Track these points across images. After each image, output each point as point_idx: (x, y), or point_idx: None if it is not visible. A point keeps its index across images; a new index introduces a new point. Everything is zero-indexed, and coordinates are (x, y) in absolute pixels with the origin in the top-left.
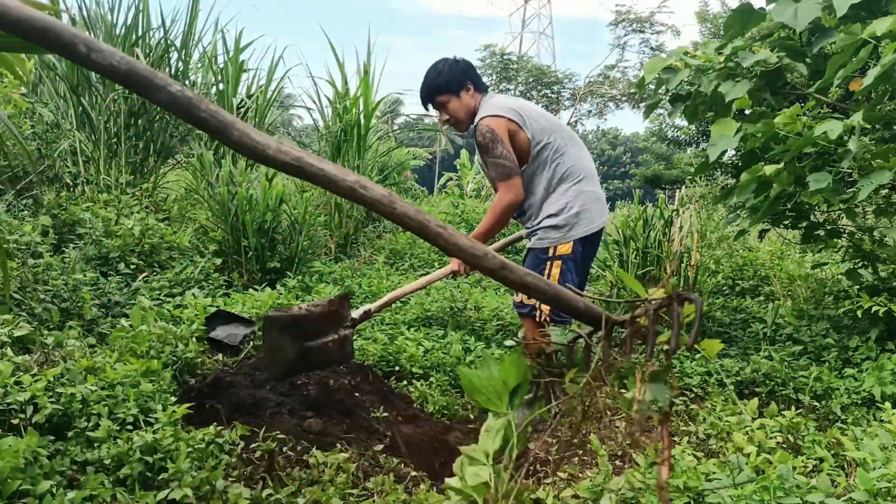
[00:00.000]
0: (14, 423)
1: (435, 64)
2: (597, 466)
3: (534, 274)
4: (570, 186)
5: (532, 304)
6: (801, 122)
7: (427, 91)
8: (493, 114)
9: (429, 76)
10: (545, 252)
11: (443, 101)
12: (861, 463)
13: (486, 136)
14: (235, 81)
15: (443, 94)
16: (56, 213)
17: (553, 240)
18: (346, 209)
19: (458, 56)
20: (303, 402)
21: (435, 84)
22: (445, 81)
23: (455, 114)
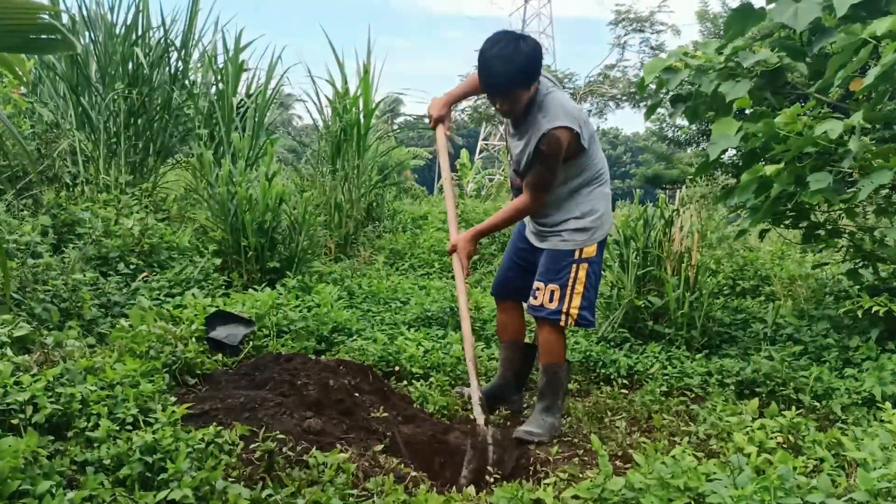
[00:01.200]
0: (14, 423)
1: (510, 45)
2: (597, 466)
3: None
4: (595, 189)
5: (558, 309)
6: (802, 122)
7: (509, 80)
8: (567, 125)
9: (509, 62)
10: (570, 255)
11: (516, 93)
12: (861, 463)
13: (552, 148)
14: (235, 81)
15: (522, 86)
16: (56, 213)
17: (579, 242)
18: (346, 209)
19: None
20: (303, 402)
21: (522, 74)
22: (532, 71)
23: (517, 108)
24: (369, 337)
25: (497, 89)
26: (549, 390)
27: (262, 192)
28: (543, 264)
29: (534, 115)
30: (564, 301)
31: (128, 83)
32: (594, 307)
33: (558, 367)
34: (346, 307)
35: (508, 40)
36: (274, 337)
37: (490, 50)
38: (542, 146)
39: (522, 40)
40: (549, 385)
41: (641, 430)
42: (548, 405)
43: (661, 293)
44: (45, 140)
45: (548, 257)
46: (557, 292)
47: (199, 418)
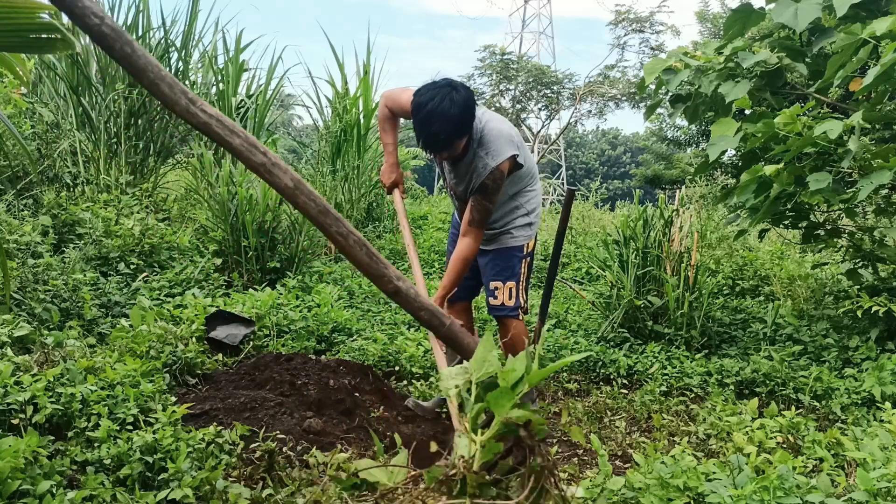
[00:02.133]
0: (14, 423)
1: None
2: (597, 466)
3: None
4: (533, 187)
5: (517, 306)
6: (801, 122)
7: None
8: (511, 155)
9: (445, 118)
10: (520, 250)
11: (459, 142)
12: (861, 463)
13: (497, 182)
14: (235, 81)
15: (462, 136)
16: (56, 213)
17: (526, 237)
18: (346, 209)
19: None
20: (303, 402)
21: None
22: (469, 119)
23: (457, 151)
24: (369, 337)
25: (439, 146)
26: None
27: (262, 193)
28: (495, 263)
29: (473, 152)
30: (521, 296)
31: (128, 83)
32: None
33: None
34: (346, 307)
35: (441, 96)
36: (274, 337)
37: (424, 108)
38: (487, 181)
39: (454, 91)
40: None
41: (641, 429)
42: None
43: (660, 293)
44: (46, 140)
45: (498, 256)
46: (514, 288)
47: (200, 418)
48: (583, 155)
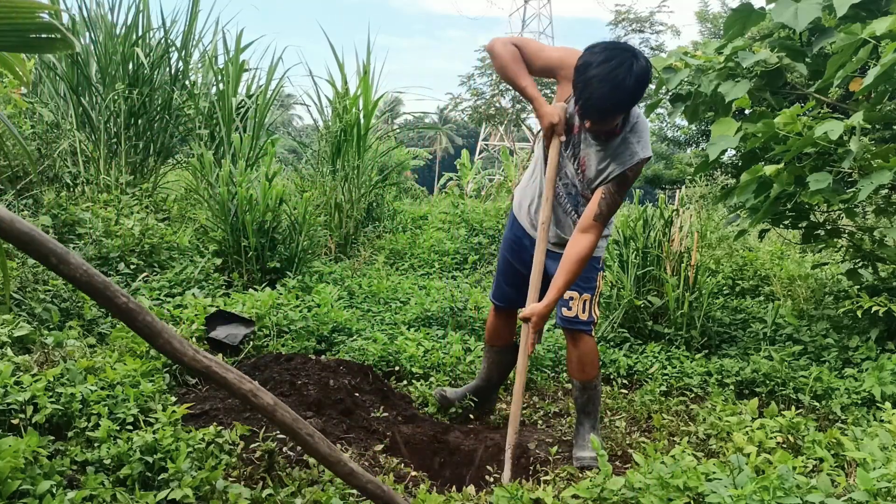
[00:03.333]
0: (14, 423)
1: (622, 67)
2: (596, 466)
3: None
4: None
5: (591, 321)
6: (802, 122)
7: (615, 108)
8: (650, 155)
9: (620, 87)
10: (598, 261)
11: (620, 116)
12: (861, 463)
13: (635, 175)
14: (235, 81)
15: (628, 110)
16: (56, 213)
17: (602, 248)
18: (346, 209)
19: (635, 48)
20: (303, 402)
21: (630, 101)
22: (640, 96)
23: (609, 126)
24: (369, 337)
25: (599, 114)
26: (593, 406)
27: (262, 193)
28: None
29: (624, 137)
30: (594, 310)
31: (128, 83)
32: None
33: (597, 379)
34: (346, 307)
35: (620, 61)
36: (274, 337)
37: (595, 68)
38: (629, 172)
39: (636, 60)
40: (591, 401)
41: (641, 429)
42: (594, 423)
43: (660, 293)
44: (46, 140)
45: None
46: (588, 301)
47: (200, 418)
48: None
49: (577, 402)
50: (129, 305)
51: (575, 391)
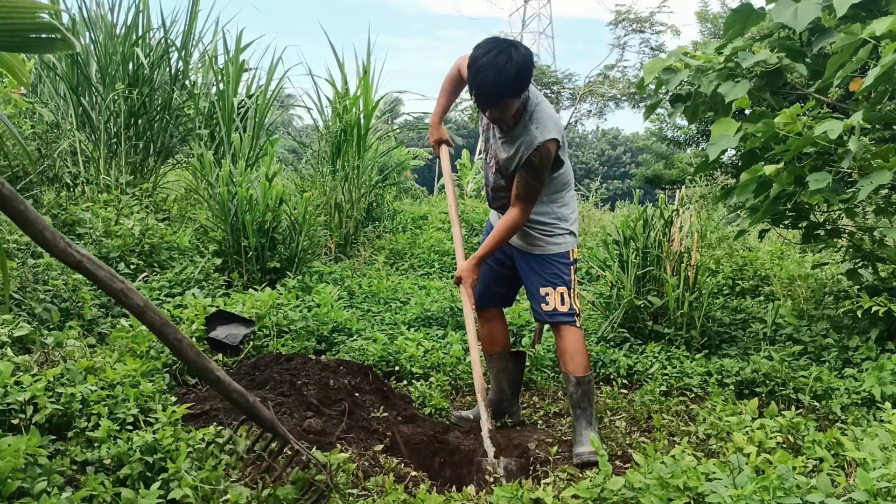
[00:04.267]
0: (14, 423)
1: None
2: (596, 466)
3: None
4: (570, 193)
5: (572, 311)
6: (801, 122)
7: (500, 91)
8: (555, 137)
9: (500, 72)
10: (566, 257)
11: (507, 103)
12: (861, 463)
13: (543, 160)
14: (235, 81)
15: (513, 95)
16: (56, 213)
17: (570, 244)
18: (346, 209)
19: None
20: (303, 402)
21: (513, 84)
22: (524, 80)
23: (507, 116)
24: (369, 337)
25: (488, 99)
26: (588, 401)
27: (262, 193)
28: (543, 269)
29: (524, 125)
30: (574, 302)
31: (128, 83)
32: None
33: (589, 374)
34: (346, 307)
35: (500, 50)
36: (274, 337)
37: (481, 59)
38: (533, 157)
39: (514, 48)
40: (585, 396)
41: (641, 429)
42: (589, 418)
43: (660, 293)
44: (46, 140)
45: (544, 262)
46: (566, 293)
47: (200, 418)
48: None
49: (572, 398)
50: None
51: (570, 386)
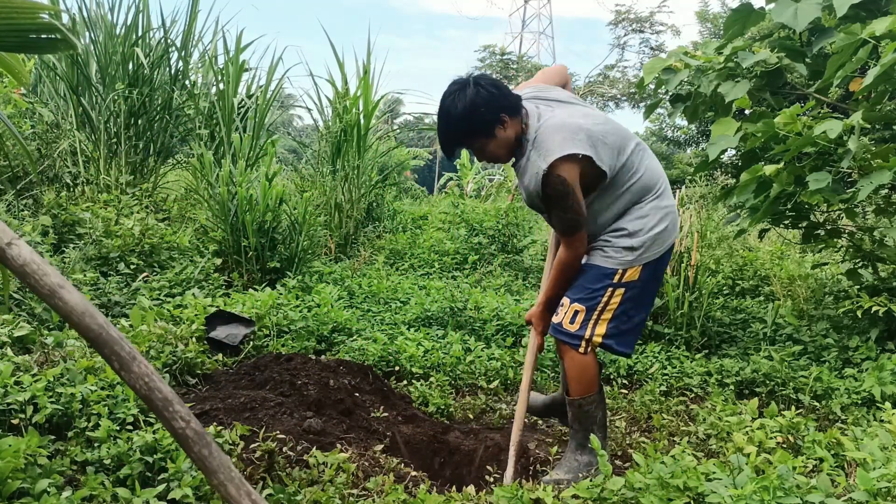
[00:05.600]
0: (14, 423)
1: (451, 98)
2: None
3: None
4: (648, 203)
5: (579, 335)
6: (801, 122)
7: (450, 140)
8: (564, 154)
9: (447, 119)
10: (610, 276)
11: (475, 145)
12: (861, 463)
13: (557, 189)
14: (235, 81)
15: (473, 139)
16: (56, 213)
17: (623, 262)
18: (346, 209)
19: (474, 74)
20: (303, 402)
21: (457, 132)
22: (470, 126)
23: (494, 155)
24: (369, 337)
25: (445, 147)
26: (579, 425)
27: (262, 193)
28: (578, 276)
29: (528, 156)
30: (587, 326)
31: (128, 83)
32: (629, 335)
33: (583, 399)
34: (346, 307)
35: (450, 91)
36: (274, 337)
37: (439, 105)
38: (546, 189)
39: (466, 88)
40: (576, 419)
41: (641, 429)
42: (580, 442)
43: (660, 293)
44: (46, 140)
45: (586, 273)
46: (582, 315)
47: (200, 418)
48: None
49: (567, 416)
50: (185, 433)
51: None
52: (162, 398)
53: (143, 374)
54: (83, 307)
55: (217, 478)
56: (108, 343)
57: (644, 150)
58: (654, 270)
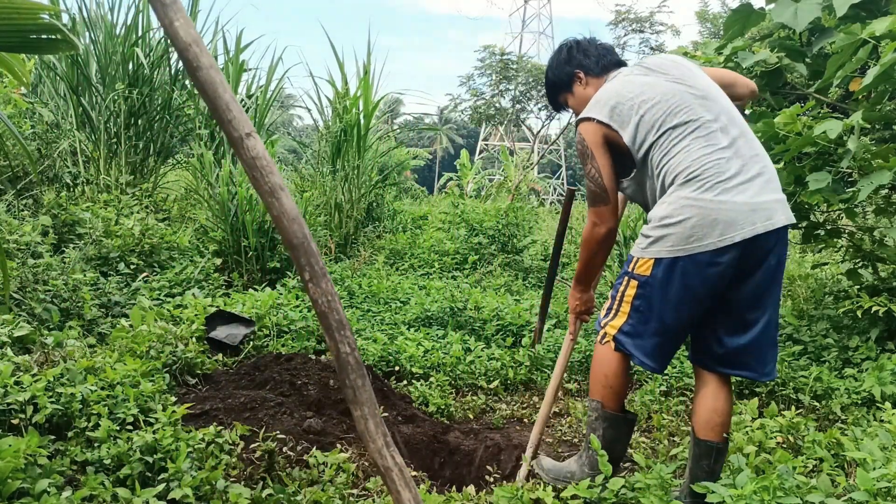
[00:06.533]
0: (14, 423)
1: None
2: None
3: None
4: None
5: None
6: (801, 122)
7: (547, 95)
8: (585, 116)
9: (546, 73)
10: (629, 263)
11: (564, 100)
12: (861, 463)
13: (578, 149)
14: (235, 81)
15: (559, 92)
16: (56, 213)
17: (637, 251)
18: (346, 209)
19: (571, 39)
20: (303, 402)
21: (548, 85)
22: (553, 79)
23: (577, 111)
24: (369, 337)
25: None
26: (591, 429)
27: None
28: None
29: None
30: (609, 315)
31: (128, 83)
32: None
33: (590, 401)
34: (346, 307)
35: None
36: (274, 337)
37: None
38: (578, 145)
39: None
40: (590, 425)
41: (641, 429)
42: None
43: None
44: (46, 140)
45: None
46: (608, 303)
47: (200, 418)
48: None
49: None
50: (348, 359)
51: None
52: (338, 320)
53: (328, 293)
54: (294, 213)
55: (362, 410)
56: (307, 253)
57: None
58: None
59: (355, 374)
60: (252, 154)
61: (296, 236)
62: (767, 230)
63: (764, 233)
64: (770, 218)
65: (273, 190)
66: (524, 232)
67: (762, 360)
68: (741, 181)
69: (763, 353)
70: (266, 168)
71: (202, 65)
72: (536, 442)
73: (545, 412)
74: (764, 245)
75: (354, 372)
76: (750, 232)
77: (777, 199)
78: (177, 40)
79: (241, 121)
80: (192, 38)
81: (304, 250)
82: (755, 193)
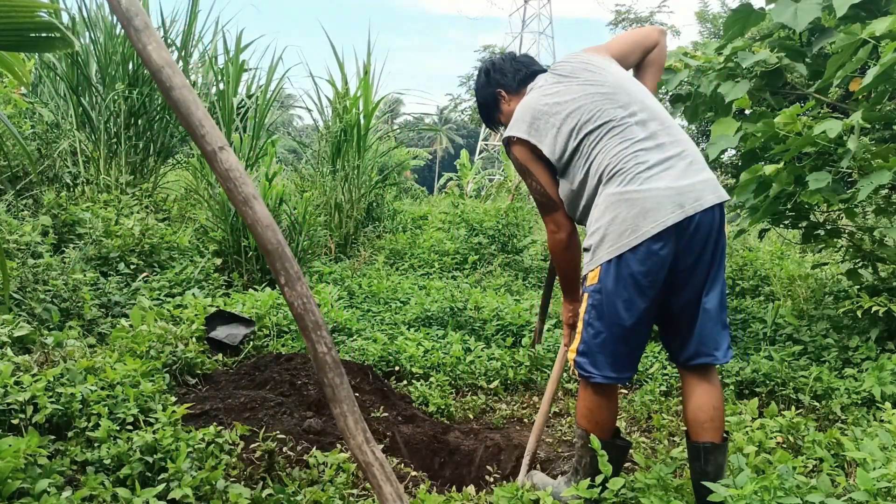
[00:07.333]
0: (14, 423)
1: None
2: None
3: None
4: (603, 192)
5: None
6: (801, 122)
7: (481, 116)
8: (509, 135)
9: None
10: (583, 280)
11: (498, 119)
12: (861, 463)
13: (515, 165)
14: (235, 81)
15: (491, 113)
16: (56, 213)
17: (584, 267)
18: (346, 209)
19: (488, 60)
20: (303, 402)
21: (479, 108)
22: (482, 101)
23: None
24: (369, 337)
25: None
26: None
27: (262, 193)
28: None
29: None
30: (572, 339)
31: (128, 83)
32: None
33: (585, 434)
34: (346, 307)
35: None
36: (274, 337)
37: None
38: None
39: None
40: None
41: (641, 429)
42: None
43: None
44: (46, 140)
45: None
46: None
47: (200, 418)
48: None
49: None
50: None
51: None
52: (313, 321)
53: (304, 295)
54: (268, 221)
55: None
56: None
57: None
58: (618, 272)
59: (333, 373)
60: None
61: (270, 242)
62: (697, 211)
63: (695, 213)
64: (699, 199)
65: (247, 199)
66: (524, 232)
67: (716, 341)
68: (663, 168)
69: (715, 334)
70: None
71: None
72: (533, 451)
73: (540, 423)
74: (700, 226)
75: (332, 370)
76: (681, 215)
77: (703, 180)
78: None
79: (214, 136)
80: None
81: (278, 255)
82: (678, 177)
